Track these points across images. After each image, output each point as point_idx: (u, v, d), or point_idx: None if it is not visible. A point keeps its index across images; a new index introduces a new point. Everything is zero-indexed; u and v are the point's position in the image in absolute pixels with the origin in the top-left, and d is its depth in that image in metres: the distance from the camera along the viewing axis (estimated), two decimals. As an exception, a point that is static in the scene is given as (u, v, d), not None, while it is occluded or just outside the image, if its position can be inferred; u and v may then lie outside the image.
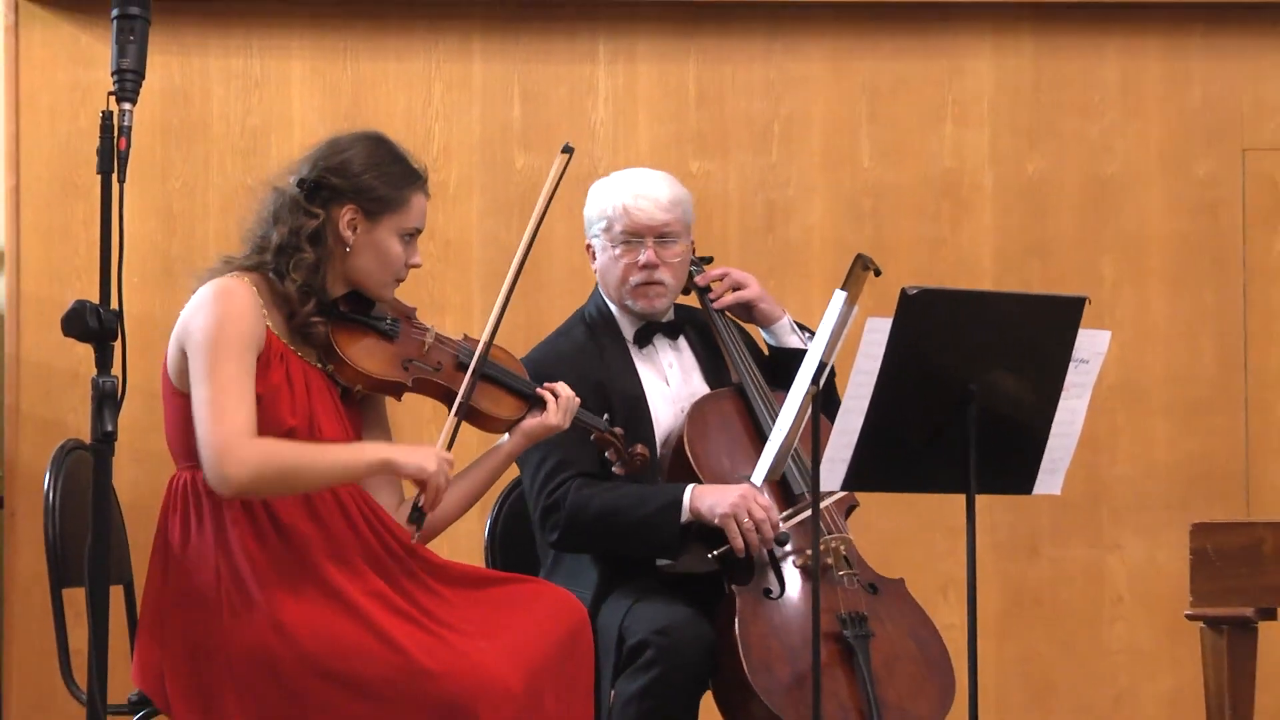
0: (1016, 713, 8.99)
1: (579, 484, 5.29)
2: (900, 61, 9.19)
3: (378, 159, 4.83)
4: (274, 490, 4.58)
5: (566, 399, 4.94)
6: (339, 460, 4.65)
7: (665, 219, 5.48)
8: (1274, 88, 9.27)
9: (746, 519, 5.18)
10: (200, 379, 4.58)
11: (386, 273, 4.82)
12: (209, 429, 4.54)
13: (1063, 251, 9.15)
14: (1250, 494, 9.11)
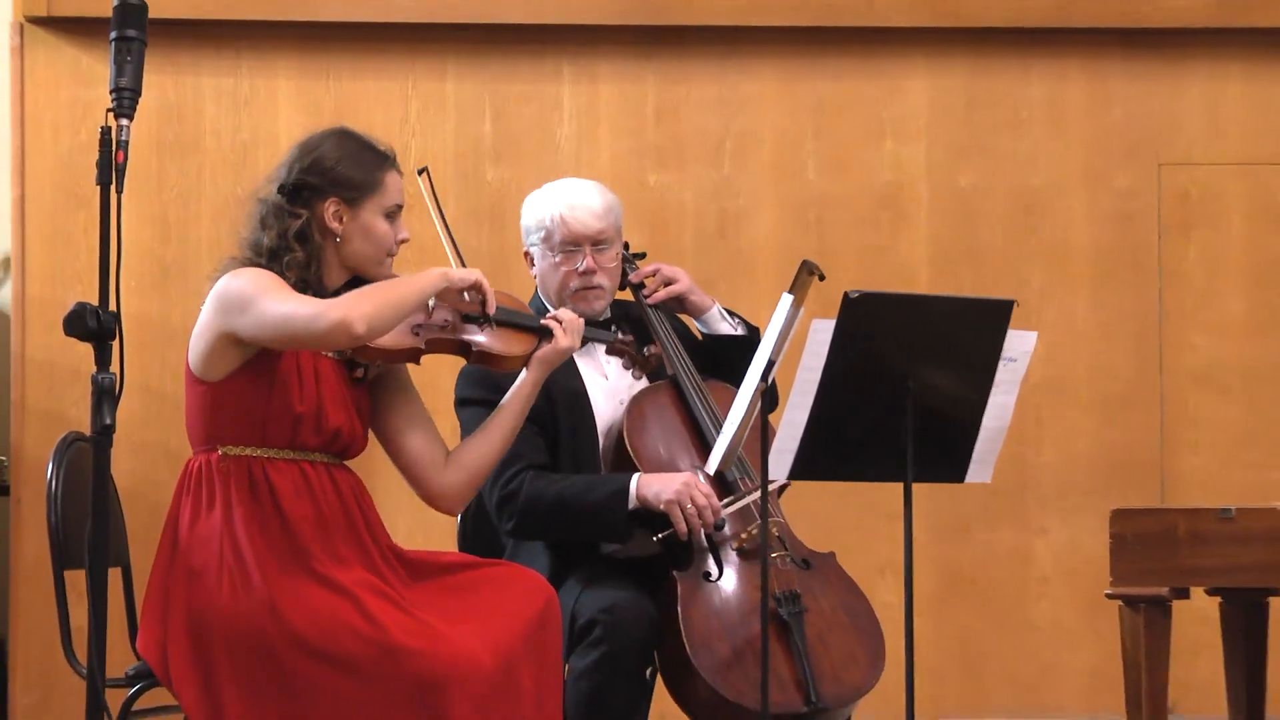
0: (951, 685, 8.98)
1: (532, 475, 5.29)
2: (843, 82, 9.17)
3: (347, 150, 4.81)
4: (386, 320, 4.56)
5: (571, 320, 4.94)
6: (414, 284, 4.67)
7: (600, 227, 5.46)
8: (1187, 107, 9.27)
9: (690, 505, 5.17)
10: (269, 303, 4.54)
11: (380, 251, 4.81)
12: (312, 313, 4.50)
13: (992, 258, 9.14)
14: (1165, 483, 9.11)
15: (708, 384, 5.49)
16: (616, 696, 5.13)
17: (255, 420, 4.64)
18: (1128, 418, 9.18)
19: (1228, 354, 9.22)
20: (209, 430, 4.67)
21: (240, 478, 4.62)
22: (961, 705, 9.00)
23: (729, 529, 5.32)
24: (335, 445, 4.71)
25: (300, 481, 4.65)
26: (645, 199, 8.66)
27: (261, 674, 4.51)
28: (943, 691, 8.90)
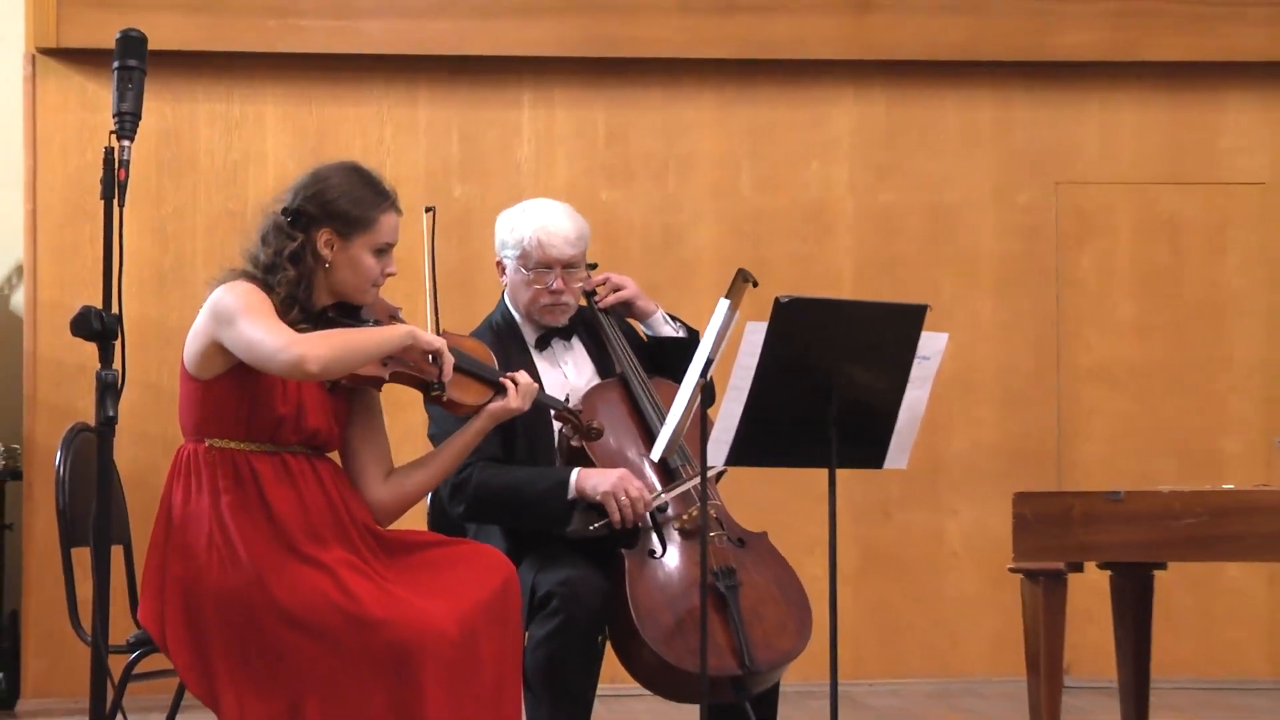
0: (870, 651, 8.99)
1: (483, 466, 5.27)
2: (775, 109, 9.18)
3: (350, 186, 4.76)
4: (342, 364, 4.51)
5: (526, 385, 4.90)
6: (377, 336, 4.60)
7: (573, 253, 5.45)
8: (1082, 131, 9.30)
9: (623, 497, 5.17)
10: (246, 324, 4.50)
11: (363, 283, 4.76)
12: (276, 346, 4.46)
13: (908, 267, 9.16)
14: (1061, 468, 9.15)
15: (653, 381, 5.48)
16: (571, 661, 5.12)
17: (240, 418, 4.61)
18: (1028, 410, 9.21)
19: (1118, 353, 9.26)
20: (198, 423, 4.64)
21: (225, 467, 4.60)
22: (880, 668, 9.02)
23: (671, 510, 5.31)
24: (314, 442, 4.69)
25: (282, 470, 4.63)
26: (596, 214, 8.64)
27: (248, 642, 4.49)
28: (863, 656, 8.91)
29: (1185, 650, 8.90)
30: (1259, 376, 9.26)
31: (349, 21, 8.92)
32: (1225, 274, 9.31)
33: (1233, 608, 9.13)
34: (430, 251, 5.10)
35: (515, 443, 5.35)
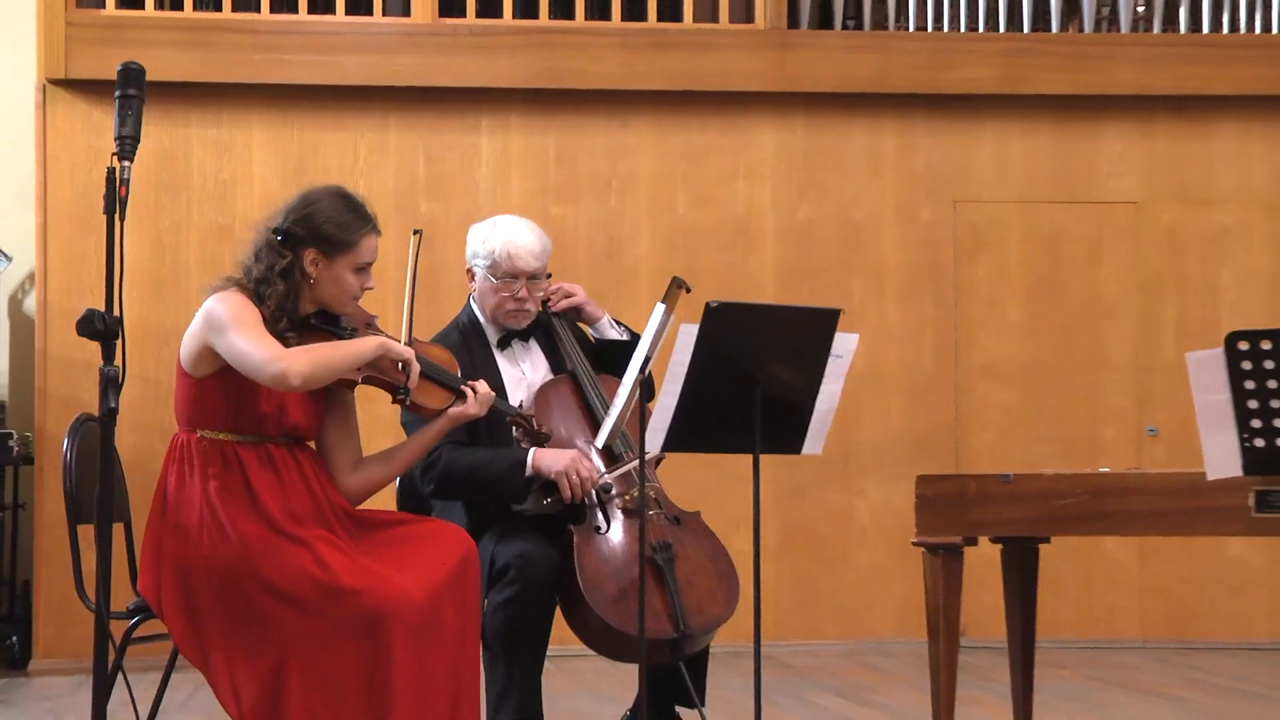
0: (790, 616, 9.00)
1: (450, 448, 5.26)
2: (706, 135, 9.18)
3: (334, 211, 4.74)
4: (321, 377, 4.53)
5: (484, 393, 4.89)
6: (354, 348, 4.59)
7: (537, 266, 5.45)
8: (976, 156, 9.33)
9: (574, 475, 5.17)
10: (237, 336, 4.49)
11: (345, 297, 4.74)
12: (263, 359, 4.45)
13: (824, 275, 9.17)
14: (958, 454, 9.17)
15: (599, 377, 5.48)
16: (526, 625, 5.11)
17: (229, 413, 4.59)
18: (929, 402, 9.23)
19: (1009, 352, 9.29)
20: (191, 416, 4.62)
21: (215, 455, 4.57)
22: (799, 631, 9.03)
23: (615, 491, 5.31)
24: (294, 434, 4.67)
25: (266, 459, 4.61)
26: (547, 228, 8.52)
27: (236, 610, 4.47)
28: (783, 620, 8.92)
29: (1066, 614, 8.94)
30: (1131, 373, 9.30)
31: (327, 56, 8.90)
32: (1102, 282, 9.34)
33: (1108, 576, 9.16)
34: (413, 268, 5.03)
35: (478, 429, 5.35)
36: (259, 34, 8.85)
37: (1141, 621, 9.23)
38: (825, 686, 7.67)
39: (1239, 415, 4.81)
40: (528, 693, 5.16)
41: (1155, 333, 9.31)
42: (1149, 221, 9.37)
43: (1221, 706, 7.06)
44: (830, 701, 7.20)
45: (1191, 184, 9.41)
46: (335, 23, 8.93)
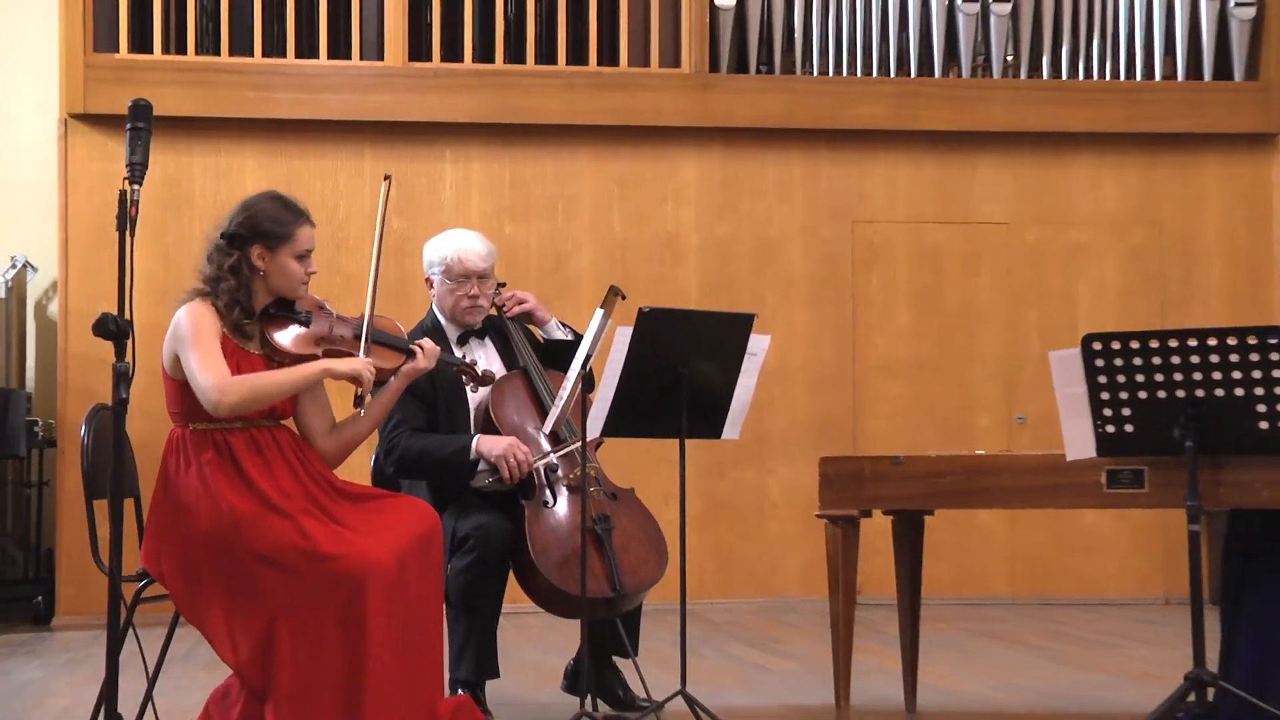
0: (710, 576, 9.00)
1: (408, 434, 5.26)
2: (639, 163, 9.18)
3: (271, 210, 4.72)
4: (255, 404, 4.52)
5: (430, 349, 4.87)
6: (292, 376, 4.56)
7: (484, 267, 5.44)
8: (870, 183, 9.35)
9: (512, 460, 5.17)
10: (189, 355, 4.50)
11: (293, 282, 4.71)
12: (205, 380, 4.45)
13: (741, 285, 9.18)
14: (856, 438, 9.19)
15: (547, 372, 5.47)
16: (483, 587, 5.10)
17: None
18: (830, 394, 9.25)
19: (897, 351, 9.31)
20: (181, 412, 4.59)
21: (206, 443, 4.54)
22: (718, 591, 9.03)
23: (560, 471, 5.30)
24: (274, 416, 4.64)
25: (251, 442, 4.58)
26: (502, 243, 8.59)
27: (230, 575, 4.44)
28: (705, 581, 8.93)
29: (947, 575, 8.97)
30: (1002, 369, 9.34)
31: (311, 95, 8.86)
32: (976, 292, 9.38)
33: (982, 543, 9.21)
34: (383, 213, 4.96)
35: (438, 413, 5.34)
36: (252, 75, 8.81)
37: (1010, 581, 9.28)
38: (741, 639, 7.67)
39: (1093, 405, 4.85)
40: (485, 645, 5.16)
41: (1022, 335, 9.35)
42: (1016, 240, 9.41)
43: (1078, 654, 7.10)
44: (745, 652, 7.21)
45: (1052, 208, 9.46)
46: (318, 65, 8.89)
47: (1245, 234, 9.52)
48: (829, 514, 5.16)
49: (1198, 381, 4.67)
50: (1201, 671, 4.75)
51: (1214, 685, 4.80)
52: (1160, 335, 4.72)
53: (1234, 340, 4.64)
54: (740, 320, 5.19)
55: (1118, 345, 4.76)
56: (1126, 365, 4.74)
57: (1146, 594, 9.27)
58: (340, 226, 8.84)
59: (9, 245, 8.64)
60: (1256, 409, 4.63)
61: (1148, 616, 8.60)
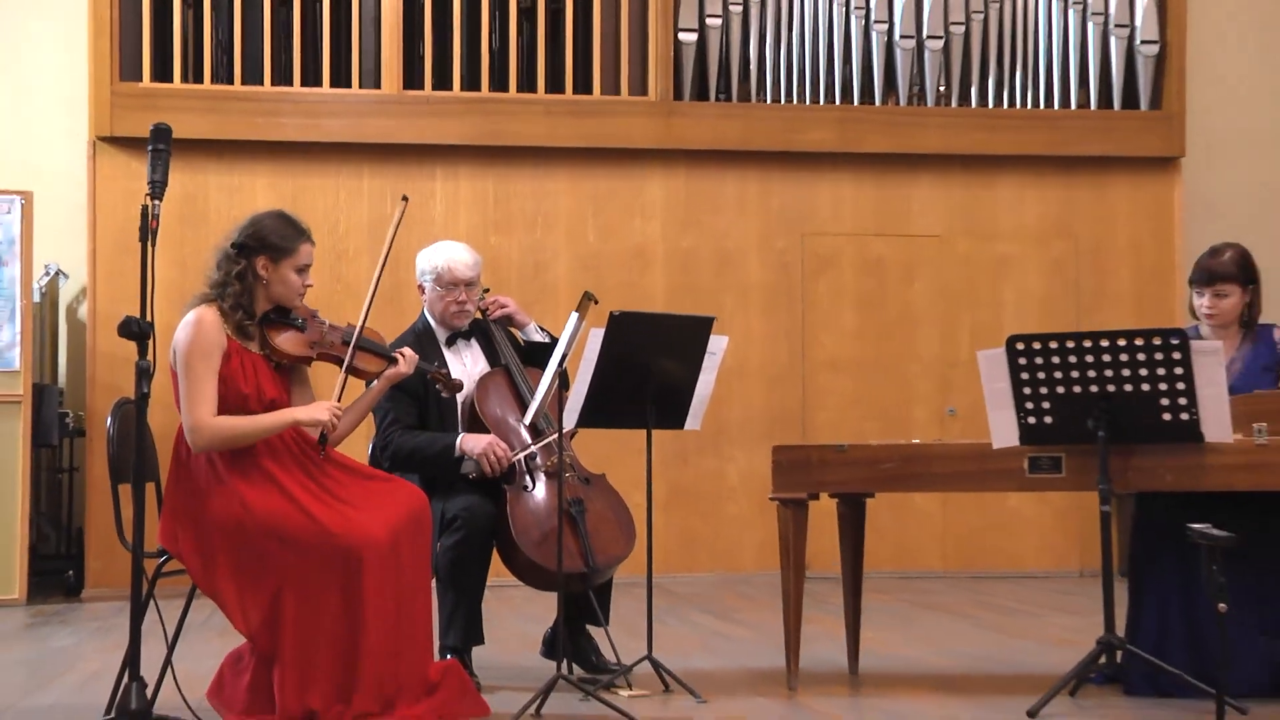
0: (675, 555, 8.99)
1: (400, 431, 5.26)
2: (611, 182, 9.17)
3: (277, 226, 4.72)
4: (224, 446, 4.50)
5: (411, 357, 4.88)
6: (262, 423, 4.55)
7: (471, 275, 5.44)
8: (818, 200, 9.35)
9: (491, 456, 5.16)
10: (182, 381, 4.52)
11: (291, 293, 4.71)
12: (186, 414, 4.49)
13: (702, 292, 9.17)
14: (805, 429, 9.19)
15: (526, 370, 5.47)
16: (469, 562, 5.09)
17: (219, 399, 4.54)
18: (783, 389, 9.25)
19: (843, 351, 9.32)
20: None
21: None
22: (681, 566, 9.03)
23: (539, 459, 5.30)
24: (273, 406, 4.63)
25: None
26: (487, 253, 8.58)
27: (241, 549, 4.44)
28: (670, 557, 8.92)
29: (886, 552, 8.98)
30: (936, 367, 9.36)
31: (314, 120, 8.83)
32: (913, 297, 9.40)
33: (917, 523, 9.22)
34: (394, 231, 4.98)
35: (428, 409, 5.33)
36: (262, 102, 8.77)
37: (943, 557, 9.29)
38: (702, 609, 7.67)
39: (1017, 399, 4.86)
40: (471, 614, 5.15)
41: (954, 336, 9.37)
42: (949, 251, 9.43)
43: (1003, 622, 7.11)
44: (705, 620, 7.21)
45: (981, 223, 9.47)
46: (321, 93, 8.86)
47: (1151, 246, 9.56)
48: (781, 497, 5.15)
49: (1109, 378, 4.69)
50: (1111, 637, 4.78)
51: (1122, 648, 4.84)
52: (1076, 336, 4.75)
53: (1140, 341, 4.66)
54: (701, 323, 5.20)
55: (1038, 345, 4.78)
56: (1046, 363, 4.76)
57: (1064, 568, 9.29)
58: (341, 239, 8.82)
59: (43, 255, 8.59)
60: (1160, 402, 4.66)
61: (1065, 588, 8.63)
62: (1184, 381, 4.62)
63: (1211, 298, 5.17)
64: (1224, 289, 5.16)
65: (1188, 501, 4.88)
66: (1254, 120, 10.06)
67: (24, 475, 8.05)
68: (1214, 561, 3.74)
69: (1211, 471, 4.70)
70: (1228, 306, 5.17)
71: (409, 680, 4.50)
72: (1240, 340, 5.20)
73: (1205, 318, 5.20)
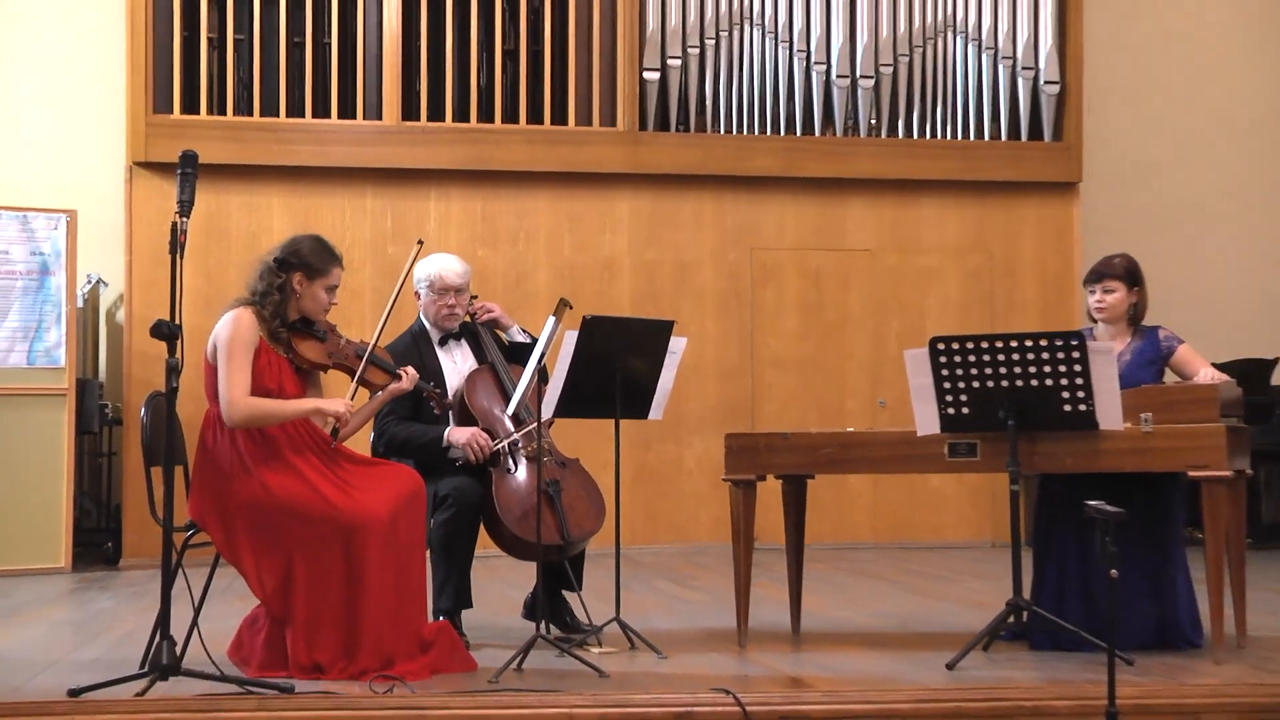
0: (640, 528, 8.99)
1: (393, 422, 5.23)
2: (584, 202, 9.16)
3: (315, 248, 4.71)
4: (258, 424, 4.50)
5: (412, 375, 4.88)
6: (289, 407, 4.56)
7: (460, 283, 5.41)
8: (766, 218, 9.35)
9: (475, 446, 5.14)
10: (222, 362, 4.51)
11: (318, 308, 4.70)
12: (224, 392, 4.48)
13: (664, 298, 9.17)
14: (754, 419, 9.20)
15: (510, 366, 5.45)
16: (459, 536, 5.07)
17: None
18: (734, 384, 9.25)
19: (787, 351, 9.33)
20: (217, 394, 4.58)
21: None
22: (646, 539, 9.02)
23: (520, 445, 5.28)
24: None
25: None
26: (476, 264, 8.58)
27: (258, 524, 4.44)
28: (636, 531, 8.91)
29: (824, 525, 9.00)
30: (869, 364, 9.37)
31: (323, 147, 8.80)
32: (849, 303, 9.41)
33: (851, 500, 9.24)
34: (404, 276, 5.03)
35: (422, 403, 5.30)
36: (278, 131, 8.73)
37: (874, 530, 9.31)
38: (663, 577, 7.67)
39: (938, 393, 4.88)
40: (461, 581, 5.13)
41: (884, 337, 9.39)
42: (879, 264, 9.45)
43: (926, 586, 7.14)
44: (666, 586, 7.21)
45: (907, 239, 9.50)
46: (329, 124, 8.83)
47: (1053, 260, 9.60)
48: (732, 478, 5.15)
49: (1018, 374, 4.71)
50: (1018, 599, 4.80)
51: (1028, 609, 4.86)
52: (989, 338, 4.76)
53: (1045, 342, 4.69)
54: (663, 326, 5.19)
55: (957, 346, 4.79)
56: (964, 361, 4.77)
57: (978, 539, 9.33)
58: (346, 252, 8.41)
59: (86, 265, 8.54)
60: (1062, 395, 4.68)
61: (979, 557, 8.66)
62: (1082, 377, 4.64)
63: (1101, 293, 5.22)
64: (1111, 285, 5.20)
65: (1084, 481, 4.91)
66: (1142, 151, 10.16)
67: (69, 459, 8.03)
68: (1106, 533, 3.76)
69: (1105, 455, 4.73)
70: (1114, 301, 5.20)
71: (405, 639, 4.50)
72: (1129, 337, 5.24)
73: (1096, 311, 5.24)
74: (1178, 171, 10.20)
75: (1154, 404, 4.78)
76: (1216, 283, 10.17)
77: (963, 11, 9.47)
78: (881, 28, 9.34)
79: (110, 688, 4.10)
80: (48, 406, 8.02)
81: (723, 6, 9.21)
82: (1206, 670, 4.55)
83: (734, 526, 5.17)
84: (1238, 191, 10.28)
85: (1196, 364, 5.11)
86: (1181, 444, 4.65)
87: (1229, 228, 10.27)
